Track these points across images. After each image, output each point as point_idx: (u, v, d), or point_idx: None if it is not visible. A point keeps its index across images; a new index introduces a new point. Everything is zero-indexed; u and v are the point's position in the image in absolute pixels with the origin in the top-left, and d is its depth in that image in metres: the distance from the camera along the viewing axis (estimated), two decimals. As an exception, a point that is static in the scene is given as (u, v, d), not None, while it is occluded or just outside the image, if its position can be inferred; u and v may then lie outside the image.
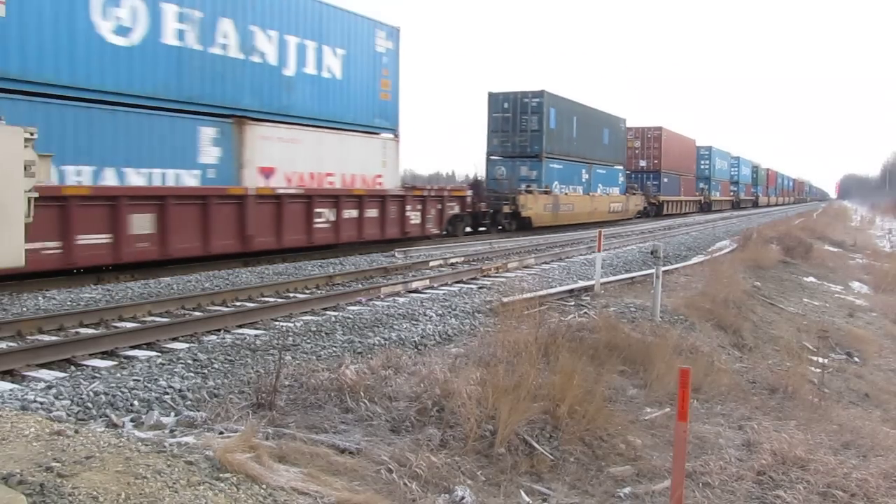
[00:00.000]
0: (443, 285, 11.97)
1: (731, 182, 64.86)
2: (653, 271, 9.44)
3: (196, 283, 11.21)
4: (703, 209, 52.40)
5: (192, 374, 5.88)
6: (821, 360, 8.86)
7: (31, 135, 5.86)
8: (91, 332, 7.76)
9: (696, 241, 22.16)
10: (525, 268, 14.68)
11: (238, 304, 9.80)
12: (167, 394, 5.36)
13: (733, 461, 4.86)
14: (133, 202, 11.83)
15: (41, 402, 5.01)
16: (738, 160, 67.91)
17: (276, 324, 8.46)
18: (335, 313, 9.10)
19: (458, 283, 12.31)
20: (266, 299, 10.16)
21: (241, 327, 8.24)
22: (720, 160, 59.31)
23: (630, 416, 5.61)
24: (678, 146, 45.86)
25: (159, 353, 6.79)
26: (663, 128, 42.90)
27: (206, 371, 6.00)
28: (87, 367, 6.39)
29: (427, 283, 11.89)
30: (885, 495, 4.48)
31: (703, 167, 54.31)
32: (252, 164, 14.38)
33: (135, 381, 5.57)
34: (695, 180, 51.79)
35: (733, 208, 62.43)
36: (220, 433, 4.39)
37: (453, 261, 15.44)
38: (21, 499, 2.90)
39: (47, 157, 6.34)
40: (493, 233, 24.20)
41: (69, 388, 5.36)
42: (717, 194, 57.69)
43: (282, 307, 9.22)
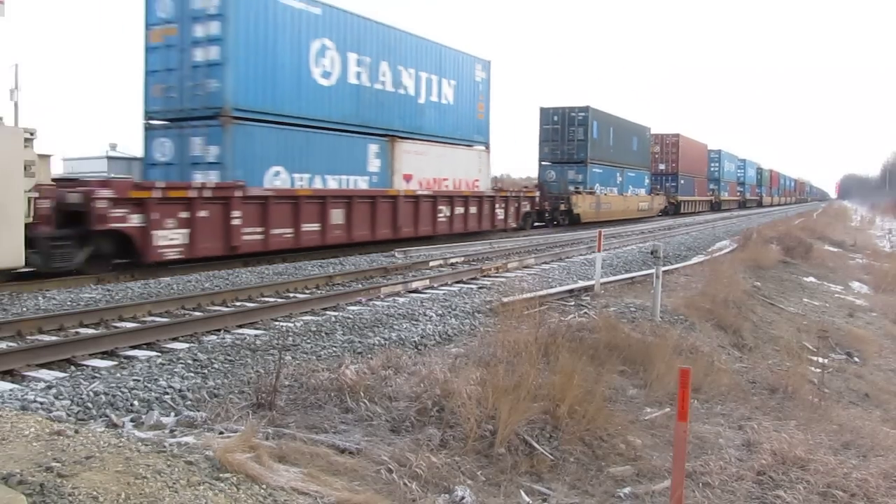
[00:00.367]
0: (443, 285, 11.97)
1: (738, 183, 67.96)
2: (653, 271, 9.44)
3: (196, 283, 11.21)
4: (714, 208, 55.90)
5: (192, 374, 5.88)
6: (821, 360, 8.86)
7: (30, 135, 5.86)
8: (91, 332, 7.76)
9: (696, 241, 22.16)
10: (525, 268, 14.68)
11: (238, 304, 9.80)
12: (167, 394, 5.36)
13: (733, 461, 4.86)
14: (333, 200, 16.39)
15: (41, 402, 5.01)
16: (745, 162, 70.78)
17: (276, 324, 8.46)
18: (335, 313, 9.10)
19: (458, 283, 12.31)
20: (266, 299, 10.16)
21: (241, 327, 8.24)
22: (728, 163, 62.59)
23: (630, 416, 5.61)
24: (692, 150, 49.91)
25: (159, 353, 6.79)
26: (680, 135, 46.90)
27: (206, 371, 6.00)
28: (87, 367, 6.39)
29: (427, 283, 11.89)
30: (885, 495, 4.48)
31: (713, 169, 57.76)
32: (399, 171, 19.11)
33: (135, 381, 5.57)
34: (706, 181, 55.42)
35: (740, 207, 65.16)
36: (220, 433, 4.39)
37: (453, 261, 15.45)
38: (21, 499, 2.90)
39: (47, 158, 6.34)
40: (550, 227, 28.12)
41: (69, 388, 5.36)
42: (725, 194, 61.00)
43: (282, 307, 9.22)
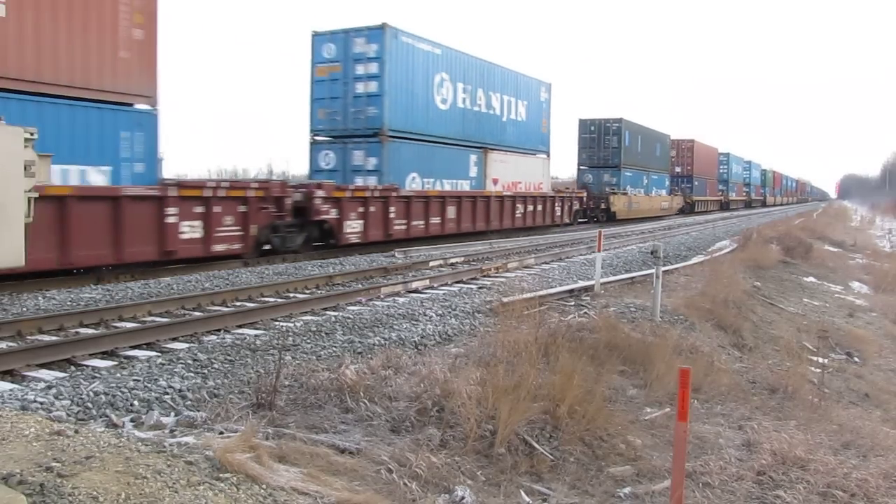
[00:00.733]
0: (443, 285, 11.97)
1: (744, 184, 71.87)
2: (653, 271, 9.45)
3: (196, 283, 11.21)
4: (723, 207, 59.88)
5: (192, 374, 5.88)
6: (821, 360, 8.86)
7: (31, 135, 5.86)
8: (91, 332, 7.76)
9: (696, 241, 22.16)
10: (525, 268, 14.68)
11: (238, 304, 9.80)
12: (167, 394, 5.36)
13: (733, 461, 4.86)
14: (449, 199, 21.29)
15: (41, 402, 5.01)
16: (750, 164, 74.69)
17: (276, 324, 8.46)
18: (335, 313, 9.10)
19: (458, 283, 12.31)
20: (266, 299, 10.16)
21: (241, 327, 8.24)
22: (735, 165, 66.58)
23: (630, 416, 5.61)
24: (705, 154, 54.46)
25: (159, 353, 6.79)
26: (695, 140, 51.75)
27: (206, 371, 6.00)
28: (87, 367, 6.39)
29: (427, 283, 11.89)
30: (885, 495, 4.48)
31: (722, 171, 61.85)
32: (489, 176, 24.15)
33: (135, 381, 5.57)
34: (716, 182, 59.70)
35: (746, 207, 68.85)
36: (220, 433, 4.39)
37: (453, 261, 15.45)
38: (21, 499, 2.90)
39: (47, 158, 6.34)
40: (591, 222, 33.14)
41: (69, 388, 5.36)
42: (733, 195, 65.17)
43: (282, 307, 9.22)
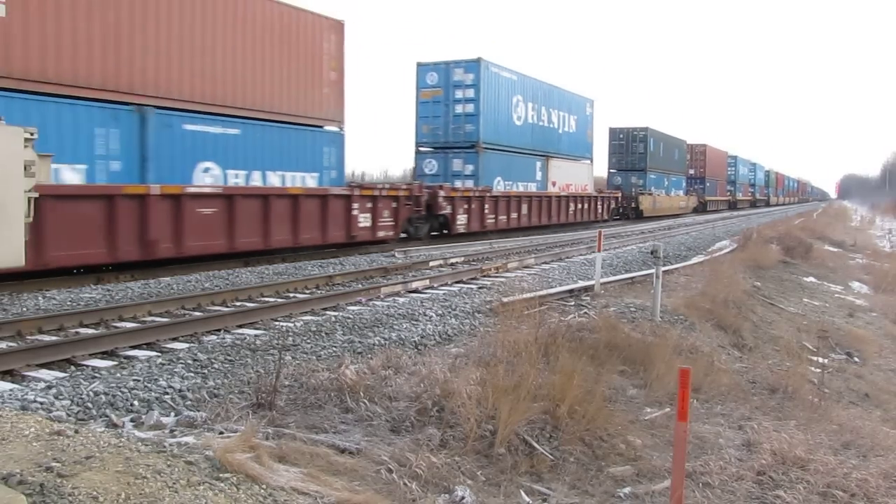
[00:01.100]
0: (443, 285, 11.97)
1: (750, 185, 75.87)
2: (653, 271, 9.45)
3: (196, 283, 11.21)
4: (731, 207, 63.73)
5: (192, 374, 5.88)
6: (821, 360, 8.86)
7: (31, 135, 5.86)
8: (91, 332, 7.76)
9: (695, 241, 22.17)
10: (525, 268, 14.68)
11: (238, 304, 9.80)
12: (167, 394, 5.36)
13: (733, 461, 4.86)
14: (524, 198, 25.90)
15: (41, 402, 5.01)
16: (755, 166, 78.87)
17: (276, 324, 8.46)
18: (335, 313, 9.10)
19: (458, 283, 12.31)
20: (266, 299, 10.16)
21: (241, 327, 8.24)
22: (742, 167, 70.70)
23: (630, 416, 5.61)
24: (715, 157, 58.90)
25: (159, 353, 6.79)
26: (707, 145, 56.59)
27: (206, 371, 6.00)
28: (87, 367, 6.39)
29: (427, 283, 11.89)
30: (885, 495, 4.48)
31: (730, 173, 65.68)
32: (550, 179, 29.03)
33: (135, 381, 5.57)
34: (725, 184, 63.73)
35: (751, 206, 72.36)
36: (220, 433, 4.39)
37: (453, 261, 15.45)
38: (21, 499, 2.90)
39: (47, 158, 6.33)
40: (622, 219, 37.28)
41: (69, 388, 5.36)
42: (740, 195, 69.24)
43: (282, 307, 9.22)
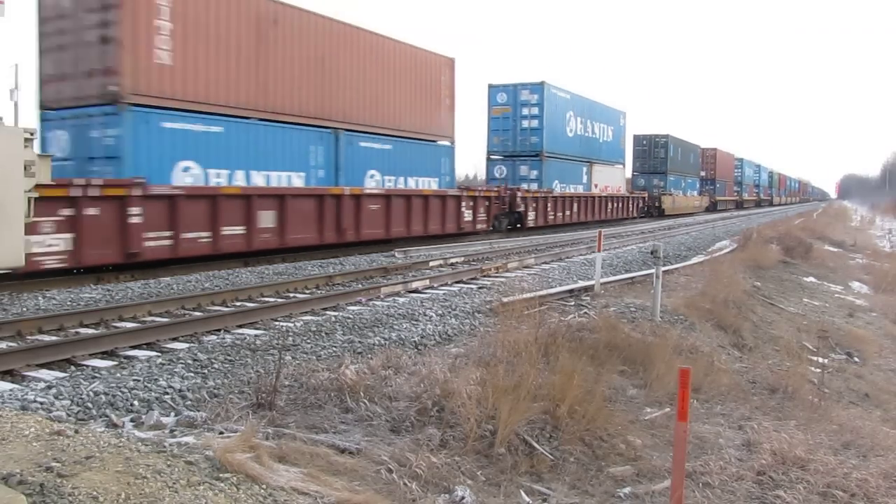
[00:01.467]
0: (443, 285, 11.97)
1: (755, 185, 79.26)
2: (653, 271, 9.45)
3: (196, 283, 11.21)
4: (738, 206, 67.78)
5: (192, 374, 5.88)
6: (821, 360, 8.86)
7: (30, 135, 5.86)
8: (91, 332, 7.76)
9: (695, 241, 22.17)
10: (525, 268, 14.68)
11: (238, 304, 9.80)
12: (167, 394, 5.36)
13: (733, 461, 4.86)
14: (575, 199, 30.42)
15: (41, 402, 5.01)
16: (759, 168, 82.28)
17: (276, 324, 8.46)
18: (335, 313, 9.10)
19: (458, 283, 12.31)
20: (266, 299, 10.16)
21: (241, 327, 8.24)
22: (748, 169, 74.52)
23: (630, 416, 5.61)
24: (724, 160, 62.90)
25: (159, 353, 6.79)
26: (717, 149, 60.53)
27: (206, 371, 6.00)
28: (87, 367, 6.39)
29: (427, 283, 11.89)
30: (885, 495, 4.48)
31: (736, 175, 69.44)
32: (593, 182, 33.49)
33: (135, 381, 5.57)
34: (733, 184, 67.62)
35: (756, 206, 75.79)
36: (220, 433, 4.39)
37: (453, 261, 15.46)
38: (21, 499, 2.90)
39: (47, 158, 6.33)
40: (647, 217, 41.22)
41: (69, 388, 5.36)
42: (746, 195, 73.18)
43: (282, 307, 9.22)
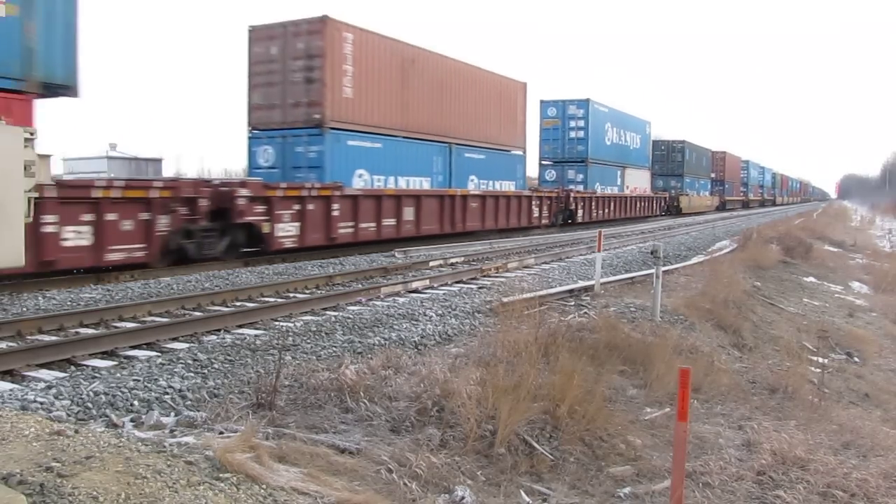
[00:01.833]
0: (443, 285, 11.97)
1: (759, 186, 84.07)
2: (653, 271, 9.44)
3: (196, 283, 11.21)
4: (744, 206, 71.38)
5: (192, 374, 5.88)
6: (821, 360, 8.86)
7: (30, 135, 5.86)
8: (91, 332, 7.75)
9: (695, 241, 22.17)
10: (525, 268, 14.68)
11: (238, 304, 9.80)
12: (167, 394, 5.36)
13: (733, 461, 4.86)
14: (611, 199, 35.01)
15: (41, 402, 5.01)
16: (763, 169, 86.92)
17: (276, 324, 8.45)
18: (335, 313, 9.10)
19: (458, 283, 12.31)
20: (266, 299, 10.16)
21: (241, 327, 8.23)
22: (753, 170, 78.88)
23: (630, 416, 5.61)
24: (732, 162, 67.08)
25: (159, 353, 6.79)
26: (727, 152, 64.72)
27: (206, 371, 6.00)
28: (87, 367, 6.38)
29: (427, 283, 11.89)
30: (885, 495, 4.48)
31: (743, 176, 73.34)
32: (625, 184, 37.88)
33: (135, 381, 5.57)
34: (740, 185, 71.82)
35: (760, 206, 79.73)
36: (220, 433, 4.39)
37: (453, 261, 15.45)
38: (21, 499, 2.90)
39: (47, 158, 6.34)
40: (667, 215, 44.79)
41: (69, 388, 5.36)
42: (751, 195, 77.49)
43: (282, 307, 9.22)
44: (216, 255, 13.80)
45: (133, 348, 7.16)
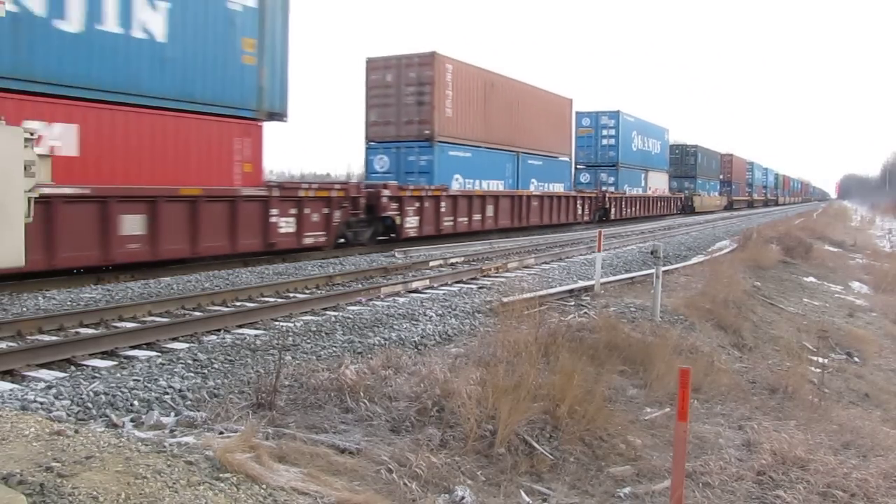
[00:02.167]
0: (443, 285, 11.97)
1: (763, 186, 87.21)
2: (653, 271, 9.45)
3: (196, 283, 11.21)
4: (749, 206, 74.35)
5: (192, 374, 5.88)
6: (821, 360, 8.85)
7: (31, 135, 5.86)
8: (91, 332, 7.76)
9: (696, 241, 22.17)
10: (525, 268, 14.68)
11: (238, 304, 9.80)
12: (167, 394, 5.36)
13: (733, 461, 4.86)
14: (636, 198, 39.11)
15: (41, 402, 5.01)
16: (767, 170, 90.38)
17: (276, 324, 8.46)
18: (335, 313, 9.10)
19: (458, 283, 12.31)
20: (266, 299, 10.16)
21: (241, 327, 8.24)
22: (757, 171, 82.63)
23: (630, 416, 5.61)
24: (739, 164, 70.61)
25: (159, 353, 6.79)
26: (733, 154, 68.25)
27: (206, 371, 6.00)
28: (87, 367, 6.39)
29: (427, 283, 11.89)
30: (885, 495, 4.48)
31: (748, 177, 76.82)
32: (648, 185, 41.57)
33: (135, 381, 5.57)
34: (745, 186, 74.96)
35: (764, 205, 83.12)
36: (220, 433, 4.39)
37: (453, 261, 15.45)
38: (21, 499, 2.90)
39: (47, 158, 6.34)
40: (681, 213, 47.92)
41: (69, 388, 5.36)
42: (756, 195, 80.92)
43: (282, 307, 9.22)
44: (364, 241, 17.43)
45: (133, 348, 7.16)
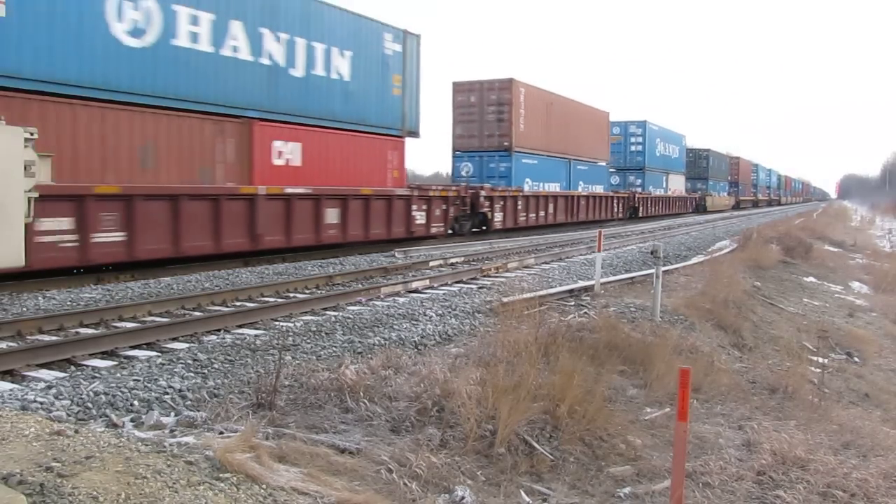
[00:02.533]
0: (443, 285, 11.97)
1: (766, 187, 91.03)
2: (653, 271, 9.45)
3: (196, 283, 11.21)
4: (754, 205, 77.25)
5: (192, 374, 5.88)
6: (821, 360, 8.85)
7: (31, 135, 5.86)
8: (91, 332, 7.75)
9: (696, 241, 22.17)
10: (525, 268, 14.68)
11: (238, 304, 9.80)
12: (167, 394, 5.36)
13: (733, 461, 4.86)
14: (659, 198, 43.51)
15: (41, 402, 5.01)
16: (770, 171, 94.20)
17: (276, 324, 8.45)
18: (335, 313, 9.10)
19: (458, 283, 12.31)
20: (266, 299, 10.16)
21: (241, 327, 8.23)
22: (762, 173, 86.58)
23: (630, 416, 5.61)
24: (744, 166, 73.83)
25: (159, 353, 6.79)
26: (740, 157, 71.76)
27: (206, 371, 6.00)
28: (87, 367, 6.38)
29: (427, 283, 11.89)
30: (885, 495, 4.48)
31: (753, 178, 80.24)
32: (668, 186, 45.64)
33: (135, 381, 5.57)
34: (750, 186, 78.39)
35: (768, 205, 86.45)
36: (220, 433, 4.39)
37: (453, 261, 15.45)
38: (21, 499, 2.90)
39: (47, 157, 6.34)
40: (695, 212, 50.40)
41: (69, 388, 5.36)
42: (760, 196, 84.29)
43: (282, 307, 9.22)
44: (465, 233, 21.86)
45: (133, 348, 7.16)
